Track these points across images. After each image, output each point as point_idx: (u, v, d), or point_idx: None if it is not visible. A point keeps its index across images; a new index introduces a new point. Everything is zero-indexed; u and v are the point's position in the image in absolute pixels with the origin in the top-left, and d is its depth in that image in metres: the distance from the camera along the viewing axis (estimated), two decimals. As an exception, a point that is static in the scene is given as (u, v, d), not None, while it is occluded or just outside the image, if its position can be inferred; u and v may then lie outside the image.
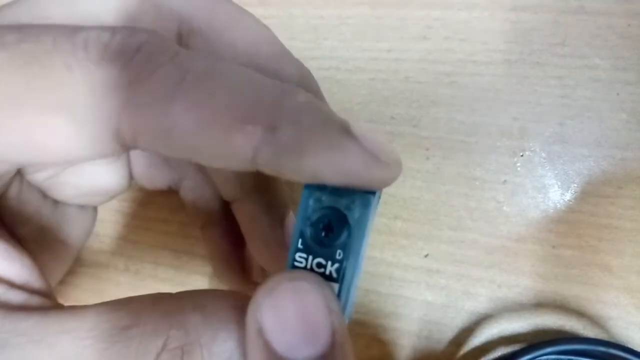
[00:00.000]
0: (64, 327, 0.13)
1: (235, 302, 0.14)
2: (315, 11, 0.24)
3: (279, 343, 0.12)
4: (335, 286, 0.13)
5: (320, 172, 0.12)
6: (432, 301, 0.22)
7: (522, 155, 0.22)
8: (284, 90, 0.13)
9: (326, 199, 0.12)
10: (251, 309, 0.12)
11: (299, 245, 0.13)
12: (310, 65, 0.24)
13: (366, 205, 0.12)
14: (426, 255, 0.23)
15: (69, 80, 0.12)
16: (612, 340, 0.20)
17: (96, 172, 0.20)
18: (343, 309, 0.13)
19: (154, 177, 0.21)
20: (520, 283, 0.22)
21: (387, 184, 0.13)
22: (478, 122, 0.22)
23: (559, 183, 0.22)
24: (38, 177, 0.19)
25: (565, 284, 0.21)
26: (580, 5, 0.22)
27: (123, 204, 0.26)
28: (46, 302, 0.14)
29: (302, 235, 0.13)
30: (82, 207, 0.22)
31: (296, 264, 0.13)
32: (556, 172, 0.22)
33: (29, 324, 0.13)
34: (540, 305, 0.21)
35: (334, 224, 0.12)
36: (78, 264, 0.26)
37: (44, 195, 0.20)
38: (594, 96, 0.22)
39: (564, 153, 0.22)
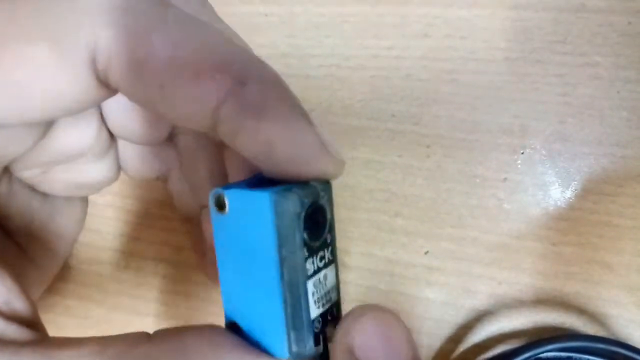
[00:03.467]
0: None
1: (216, 344, 0.13)
2: (317, 9, 0.24)
3: None
4: (333, 267, 0.13)
5: (273, 141, 0.12)
6: (433, 298, 0.22)
7: (522, 153, 0.22)
8: (255, 58, 0.13)
9: (302, 195, 0.12)
10: (340, 333, 0.12)
11: (306, 254, 0.12)
12: (312, 62, 0.24)
13: (326, 183, 0.13)
14: (426, 253, 0.23)
15: (54, 5, 0.12)
16: (612, 337, 0.20)
17: (85, 169, 0.20)
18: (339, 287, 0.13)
19: (142, 167, 0.21)
20: (520, 280, 0.22)
21: (332, 176, 0.13)
22: (479, 120, 0.22)
23: (560, 181, 0.22)
24: (27, 174, 0.19)
25: (565, 282, 0.21)
26: (581, 3, 0.22)
27: (125, 202, 0.26)
28: (23, 334, 0.13)
29: (303, 243, 0.12)
30: (71, 198, 0.22)
31: (309, 272, 0.12)
32: (557, 169, 0.22)
33: None
34: (541, 302, 0.22)
35: (318, 216, 0.12)
36: (79, 261, 0.26)
37: (32, 189, 0.20)
38: (595, 94, 0.22)
39: (564, 151, 0.22)
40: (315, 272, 0.13)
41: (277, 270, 0.12)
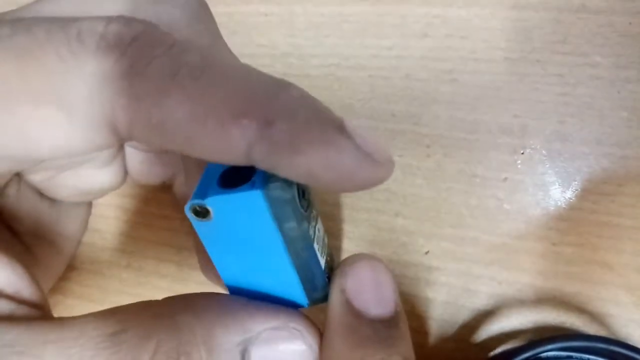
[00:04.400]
0: (49, 338, 0.13)
1: (224, 302, 0.14)
2: (317, 9, 0.24)
3: (357, 300, 0.14)
4: (319, 219, 0.15)
5: (314, 170, 0.12)
6: (433, 298, 0.22)
7: (522, 153, 0.22)
8: (278, 85, 0.13)
9: (285, 180, 0.12)
10: (337, 274, 0.15)
11: (306, 225, 0.13)
12: (312, 62, 0.24)
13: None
14: (427, 253, 0.23)
15: (63, 71, 0.12)
16: (612, 337, 0.21)
17: (93, 174, 0.20)
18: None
19: (148, 172, 0.21)
20: (520, 280, 0.22)
21: (379, 182, 0.13)
22: (479, 120, 0.22)
23: (560, 181, 0.22)
24: (35, 178, 0.19)
25: (565, 282, 0.21)
26: (581, 3, 0.22)
27: (125, 201, 0.26)
28: (33, 312, 0.14)
29: (302, 218, 0.13)
30: (77, 203, 0.22)
31: (312, 235, 0.14)
32: (557, 169, 0.22)
33: (13, 335, 0.13)
34: (541, 302, 0.22)
35: (304, 188, 0.13)
36: (80, 260, 0.26)
37: (40, 193, 0.20)
38: (595, 94, 0.22)
39: (564, 151, 0.22)
40: (315, 232, 0.14)
41: (284, 249, 0.13)
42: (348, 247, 0.23)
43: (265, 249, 0.13)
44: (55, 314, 0.26)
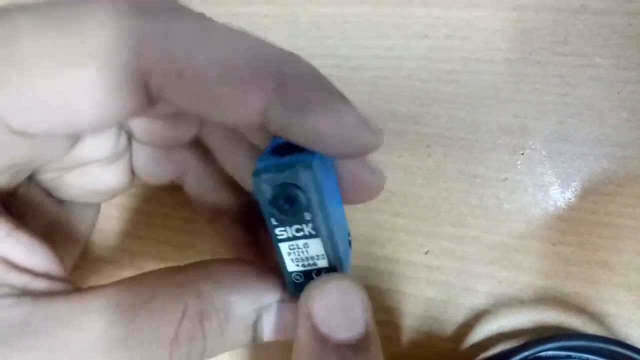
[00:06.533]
0: (88, 307, 0.14)
1: (241, 269, 0.16)
2: (318, 9, 0.24)
3: (323, 325, 0.14)
4: (318, 240, 0.14)
5: (320, 128, 0.13)
6: (433, 297, 0.23)
7: (522, 153, 0.22)
8: (288, 53, 0.14)
9: (275, 178, 0.13)
10: (302, 299, 0.14)
11: (274, 223, 0.14)
12: (313, 63, 0.24)
13: (308, 167, 0.13)
14: (427, 252, 0.23)
15: (100, 33, 0.13)
16: (611, 336, 0.21)
17: (100, 173, 0.20)
18: (337, 258, 0.15)
19: (155, 171, 0.21)
20: (520, 280, 0.22)
21: (374, 148, 0.14)
22: (479, 120, 0.22)
23: (560, 181, 0.22)
24: (45, 177, 0.19)
25: (565, 281, 0.21)
26: (581, 4, 0.22)
27: (127, 200, 0.26)
28: (67, 287, 0.16)
29: (271, 215, 0.14)
30: (86, 204, 0.22)
31: (279, 237, 0.14)
32: (556, 170, 0.22)
33: (55, 308, 0.14)
34: (540, 301, 0.22)
35: (291, 195, 0.14)
36: (82, 259, 0.27)
37: (49, 194, 0.21)
38: (595, 95, 0.22)
39: (564, 151, 0.22)
40: (290, 238, 0.14)
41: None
42: (351, 239, 0.23)
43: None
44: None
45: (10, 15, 0.13)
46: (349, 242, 0.18)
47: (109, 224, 0.26)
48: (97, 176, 0.20)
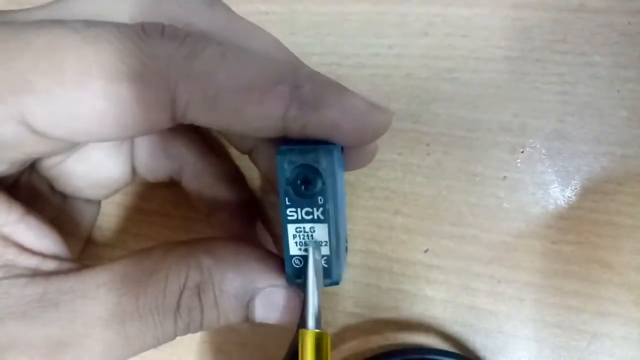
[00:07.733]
0: (100, 281, 0.15)
1: (243, 249, 0.17)
2: (317, 7, 0.24)
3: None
4: (325, 226, 0.15)
5: (336, 119, 0.15)
6: (432, 296, 0.23)
7: (522, 152, 0.22)
8: (295, 63, 0.17)
9: (297, 159, 0.15)
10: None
11: (287, 202, 0.15)
12: (312, 61, 0.24)
13: (330, 154, 0.15)
14: (426, 251, 0.23)
15: (135, 52, 0.14)
16: (447, 349, 0.22)
17: (100, 159, 0.21)
18: (336, 251, 0.15)
19: (154, 168, 0.22)
20: (519, 279, 0.22)
21: (386, 126, 0.16)
22: (479, 118, 0.22)
23: (559, 179, 0.22)
24: (45, 164, 0.20)
25: (564, 280, 0.21)
26: (580, 3, 0.22)
27: (125, 198, 0.26)
28: (76, 265, 0.17)
29: (286, 194, 0.15)
30: (88, 200, 0.22)
31: (289, 217, 0.15)
32: (556, 168, 0.22)
33: (69, 284, 0.15)
34: (540, 301, 0.22)
35: (309, 177, 0.15)
36: (80, 257, 0.26)
37: (52, 188, 0.21)
38: (595, 93, 0.22)
39: (564, 150, 0.22)
40: (299, 220, 0.15)
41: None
42: (348, 246, 0.23)
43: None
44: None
45: (55, 27, 0.15)
46: (346, 248, 0.18)
47: (107, 221, 0.26)
48: (97, 164, 0.21)
